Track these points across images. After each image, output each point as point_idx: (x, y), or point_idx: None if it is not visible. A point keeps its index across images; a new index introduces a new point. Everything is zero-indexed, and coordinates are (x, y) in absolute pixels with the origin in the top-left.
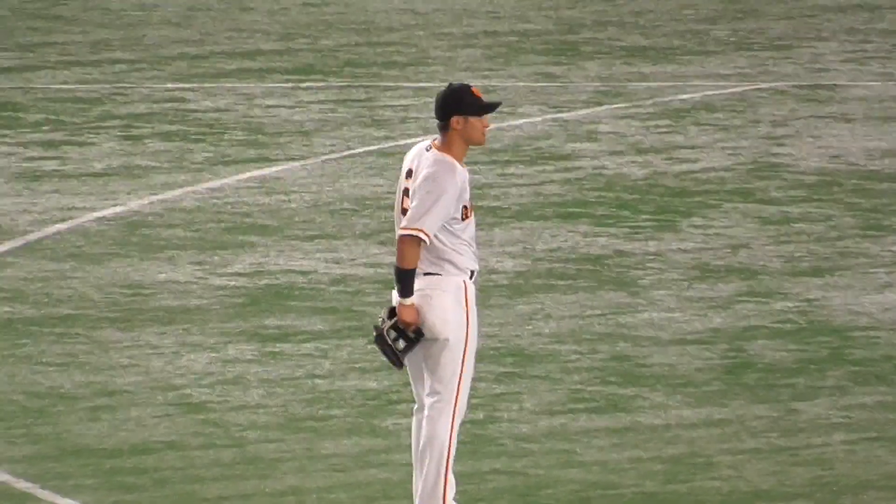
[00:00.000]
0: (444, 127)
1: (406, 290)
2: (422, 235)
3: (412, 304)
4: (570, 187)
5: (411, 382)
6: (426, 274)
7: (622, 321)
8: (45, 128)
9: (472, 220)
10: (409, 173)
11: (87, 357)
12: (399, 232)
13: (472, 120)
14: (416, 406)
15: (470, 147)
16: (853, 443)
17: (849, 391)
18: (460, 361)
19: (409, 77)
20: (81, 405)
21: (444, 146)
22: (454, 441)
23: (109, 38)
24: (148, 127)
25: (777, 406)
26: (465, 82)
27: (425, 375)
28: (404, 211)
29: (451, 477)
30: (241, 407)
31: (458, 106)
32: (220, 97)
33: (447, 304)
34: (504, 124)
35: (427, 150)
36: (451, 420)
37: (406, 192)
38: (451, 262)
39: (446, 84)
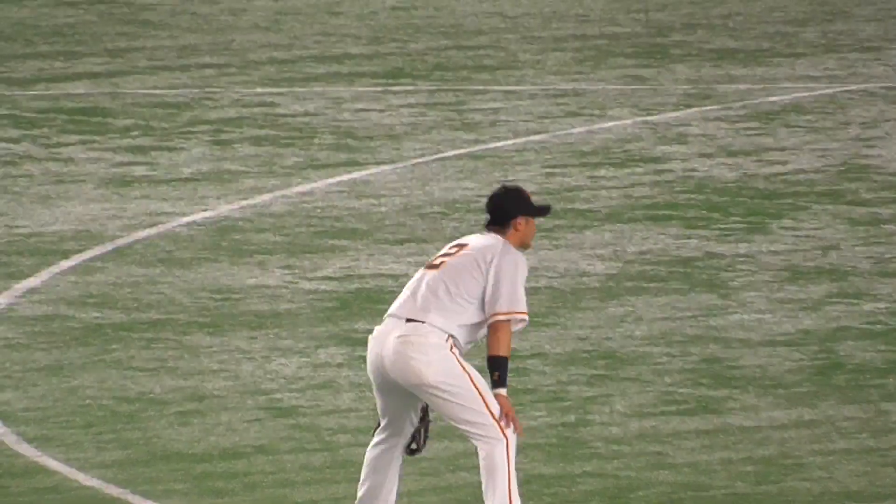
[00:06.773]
0: (502, 229)
1: (504, 378)
2: (524, 317)
3: (506, 393)
4: (660, 189)
5: (382, 415)
6: (409, 321)
7: (713, 323)
8: (134, 133)
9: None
10: (461, 246)
11: (176, 362)
12: (497, 318)
13: (532, 221)
14: (378, 435)
15: None
16: None
17: None
18: (475, 390)
19: (498, 80)
20: (171, 410)
21: None
22: (513, 461)
23: (198, 42)
24: (237, 132)
25: (867, 407)
26: (517, 184)
27: (456, 424)
28: (431, 266)
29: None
30: (332, 411)
31: (522, 207)
32: (309, 101)
33: (429, 346)
34: (594, 127)
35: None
36: (504, 443)
37: (447, 255)
38: (443, 324)
39: (500, 185)
